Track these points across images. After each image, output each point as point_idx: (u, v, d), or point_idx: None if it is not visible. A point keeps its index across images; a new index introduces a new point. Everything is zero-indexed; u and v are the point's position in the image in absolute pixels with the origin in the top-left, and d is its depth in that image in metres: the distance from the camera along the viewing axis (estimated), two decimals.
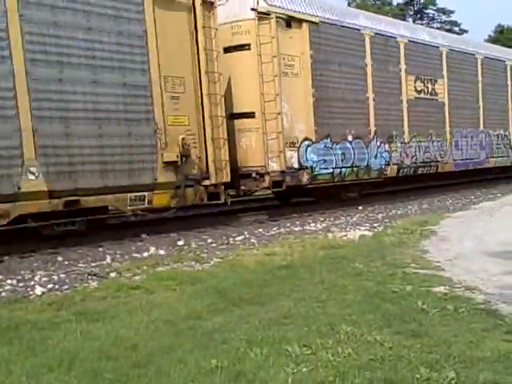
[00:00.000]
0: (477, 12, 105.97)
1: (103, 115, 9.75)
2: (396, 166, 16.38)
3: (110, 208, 10.27)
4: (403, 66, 16.58)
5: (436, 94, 17.93)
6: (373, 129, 15.50)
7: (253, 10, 12.54)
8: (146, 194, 10.29)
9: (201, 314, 5.05)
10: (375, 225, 11.30)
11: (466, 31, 65.60)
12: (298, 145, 13.38)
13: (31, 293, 6.38)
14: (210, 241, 9.89)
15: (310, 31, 13.63)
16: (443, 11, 68.84)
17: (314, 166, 13.76)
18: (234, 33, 12.71)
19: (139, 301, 5.61)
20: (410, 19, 65.69)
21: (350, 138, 14.73)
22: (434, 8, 69.29)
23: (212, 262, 7.77)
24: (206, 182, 11.28)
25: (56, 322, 5.00)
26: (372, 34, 15.52)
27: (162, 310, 5.25)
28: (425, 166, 17.55)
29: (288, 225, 11.79)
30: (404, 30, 17.49)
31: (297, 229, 11.20)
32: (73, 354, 4.09)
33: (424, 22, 67.43)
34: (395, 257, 7.40)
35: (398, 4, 68.53)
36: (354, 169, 14.89)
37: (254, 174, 12.74)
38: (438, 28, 57.80)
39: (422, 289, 5.65)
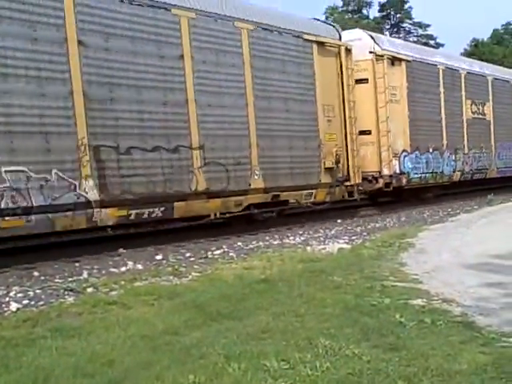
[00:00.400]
0: (452, 26, 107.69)
1: (292, 133, 13.76)
2: (459, 173, 20.64)
3: (290, 201, 13.89)
4: (463, 93, 20.88)
5: (485, 115, 22.38)
6: (445, 142, 19.69)
7: (371, 52, 16.68)
8: (313, 191, 14.28)
9: (178, 329, 5.01)
10: (354, 238, 11.34)
11: (442, 45, 66.66)
12: (398, 155, 17.39)
13: (6, 309, 6.28)
14: (188, 255, 9.84)
15: (406, 67, 17.79)
16: (419, 25, 69.93)
17: (410, 171, 17.84)
18: (356, 70, 16.04)
19: (116, 316, 5.55)
20: (387, 33, 66.53)
21: (430, 149, 18.95)
22: (411, 22, 70.38)
23: (190, 277, 7.72)
24: (347, 183, 15.22)
25: (31, 338, 4.92)
26: (444, 68, 19.80)
27: (140, 325, 5.19)
28: (478, 172, 21.96)
29: (267, 238, 11.79)
30: (464, 63, 22.04)
31: (275, 242, 11.19)
32: (48, 370, 4.03)
33: (401, 35, 68.32)
34: (373, 270, 7.42)
35: (374, 18, 69.51)
36: (433, 174, 19.11)
37: (370, 178, 16.66)
38: (414, 41, 58.60)
39: (400, 302, 5.67)
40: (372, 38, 17.23)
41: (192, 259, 9.42)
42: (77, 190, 9.55)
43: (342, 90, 15.02)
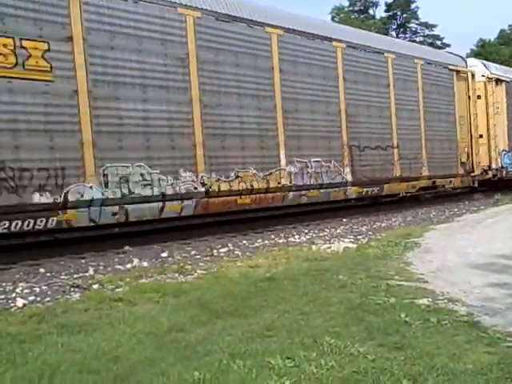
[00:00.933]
0: (459, 26, 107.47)
1: (444, 137, 19.30)
2: None
3: (440, 186, 19.17)
4: None
5: None
6: None
7: (483, 76, 21.65)
8: (452, 179, 19.55)
9: (184, 327, 5.02)
10: (359, 237, 11.33)
11: (448, 45, 66.50)
12: (500, 153, 22.30)
13: (12, 305, 6.31)
14: (193, 252, 9.86)
15: (506, 87, 22.63)
16: (426, 25, 69.74)
17: (507, 166, 22.70)
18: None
19: (122, 313, 5.57)
20: (393, 33, 66.43)
21: None
22: (417, 22, 70.21)
23: (196, 274, 7.74)
24: (472, 174, 20.36)
25: (37, 334, 4.94)
26: None
27: (145, 322, 5.20)
28: None
29: (272, 237, 11.80)
30: None
31: (281, 241, 11.20)
32: (54, 366, 4.04)
33: (407, 35, 68.22)
34: (379, 269, 7.41)
35: (381, 18, 69.41)
36: None
37: (481, 171, 21.24)
38: (420, 42, 58.49)
39: (405, 301, 5.66)
40: (484, 65, 22.64)
41: (197, 257, 9.44)
42: (341, 174, 14.92)
43: (469, 104, 20.26)
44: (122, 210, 10.17)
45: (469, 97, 20.36)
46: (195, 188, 11.31)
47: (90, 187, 9.64)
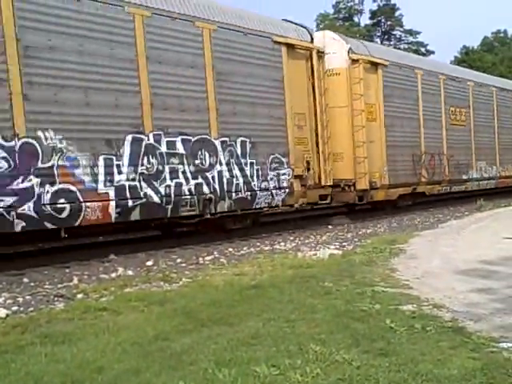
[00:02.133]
0: (442, 33, 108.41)
1: None
2: None
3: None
4: None
5: None
6: None
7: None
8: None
9: (169, 335, 4.99)
10: (345, 244, 11.36)
11: (432, 52, 67.09)
12: None
13: None
14: (179, 261, 9.83)
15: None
16: (410, 32, 70.32)
17: None
18: None
19: (106, 322, 5.53)
20: (378, 40, 66.86)
21: None
22: (401, 29, 70.78)
23: (181, 282, 7.71)
24: None
25: (20, 344, 4.89)
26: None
27: (130, 331, 5.17)
28: None
29: (258, 244, 11.79)
30: None
31: (266, 248, 11.19)
32: (37, 377, 4.01)
33: (391, 42, 68.68)
34: (364, 275, 7.43)
35: (365, 25, 69.84)
36: None
37: None
38: (405, 49, 58.92)
39: (390, 307, 5.68)
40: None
41: (183, 265, 9.40)
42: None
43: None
44: None
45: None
46: None
47: None
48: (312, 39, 14.68)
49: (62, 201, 9.33)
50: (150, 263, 9.55)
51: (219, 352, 4.44)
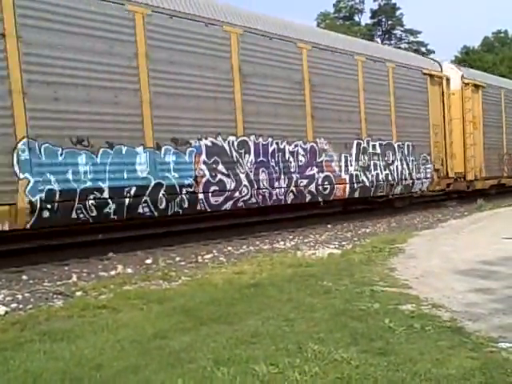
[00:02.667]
0: (443, 32, 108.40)
1: None
2: None
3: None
4: None
5: None
6: None
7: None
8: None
9: (168, 334, 5.00)
10: (344, 243, 11.36)
11: (432, 51, 67.03)
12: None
13: None
14: (178, 259, 9.83)
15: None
16: (410, 32, 70.35)
17: None
18: None
19: (105, 320, 5.53)
20: (378, 39, 66.85)
21: None
22: (402, 29, 70.83)
23: (180, 281, 7.71)
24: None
25: (19, 342, 4.89)
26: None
27: (129, 329, 5.18)
28: None
29: (257, 243, 11.79)
30: None
31: (266, 247, 11.20)
32: (36, 374, 4.01)
33: (392, 42, 68.68)
34: (363, 275, 7.44)
35: (366, 24, 69.84)
36: None
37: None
38: (405, 48, 58.92)
39: (389, 307, 5.69)
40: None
41: (182, 263, 9.41)
42: None
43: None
44: None
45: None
46: None
47: None
48: (441, 69, 20.21)
49: (326, 183, 14.65)
50: (149, 261, 9.56)
51: (218, 350, 4.45)
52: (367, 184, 15.98)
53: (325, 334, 4.78)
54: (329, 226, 14.87)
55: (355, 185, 15.54)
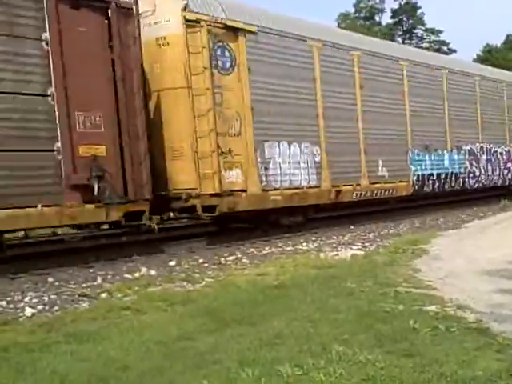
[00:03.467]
0: (465, 31, 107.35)
1: None
2: None
3: None
4: None
5: None
6: None
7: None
8: None
9: (192, 335, 5.02)
10: (367, 244, 11.31)
11: (454, 51, 66.40)
12: None
13: (21, 314, 6.33)
14: (201, 261, 9.86)
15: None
16: (432, 31, 69.64)
17: None
18: None
19: (130, 322, 5.58)
20: (399, 39, 66.39)
21: None
22: (423, 28, 70.12)
23: (203, 282, 7.75)
24: None
25: (46, 343, 4.96)
26: None
27: (153, 330, 5.22)
28: None
29: (280, 245, 11.79)
30: None
31: (289, 248, 11.19)
32: (63, 375, 4.05)
33: (413, 41, 68.15)
34: (387, 276, 7.40)
35: (387, 24, 69.39)
36: None
37: None
38: (426, 48, 58.44)
39: (413, 308, 5.65)
40: None
41: (205, 265, 9.44)
42: None
43: None
44: None
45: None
46: None
47: None
48: None
49: None
50: (172, 263, 9.61)
51: (242, 351, 4.46)
52: None
53: (349, 336, 4.76)
54: (351, 227, 14.80)
55: None
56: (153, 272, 8.79)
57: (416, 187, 17.22)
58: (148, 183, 10.28)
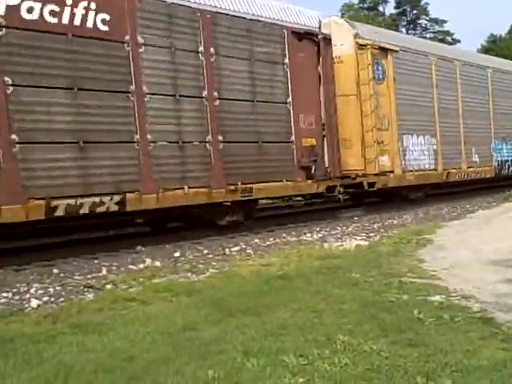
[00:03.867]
0: (469, 21, 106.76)
1: None
2: None
3: None
4: None
5: None
6: None
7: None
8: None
9: (197, 325, 5.04)
10: (371, 234, 11.31)
11: (458, 41, 66.15)
12: None
13: (27, 305, 6.35)
14: (205, 252, 9.88)
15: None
16: (436, 21, 69.34)
17: None
18: None
19: (135, 312, 5.60)
20: (403, 29, 66.10)
21: None
22: (427, 18, 69.85)
23: (208, 273, 7.76)
24: None
25: (52, 334, 4.97)
26: None
27: (159, 321, 5.23)
28: None
29: (284, 235, 11.80)
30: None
31: (293, 239, 11.20)
32: (69, 366, 4.07)
33: (417, 31, 67.87)
34: (391, 266, 7.40)
35: (390, 15, 69.08)
36: None
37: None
38: (430, 38, 58.19)
39: (418, 298, 5.66)
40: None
41: (210, 256, 9.46)
42: None
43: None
44: None
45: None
46: None
47: None
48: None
49: None
50: (177, 254, 9.63)
51: (247, 342, 4.47)
52: None
53: (354, 326, 4.77)
54: (355, 217, 14.80)
55: None
56: (157, 263, 8.81)
57: (497, 171, 21.40)
58: (339, 165, 14.25)
